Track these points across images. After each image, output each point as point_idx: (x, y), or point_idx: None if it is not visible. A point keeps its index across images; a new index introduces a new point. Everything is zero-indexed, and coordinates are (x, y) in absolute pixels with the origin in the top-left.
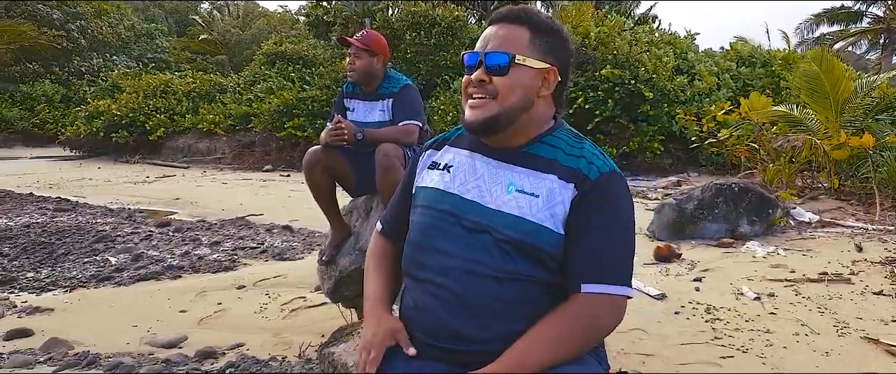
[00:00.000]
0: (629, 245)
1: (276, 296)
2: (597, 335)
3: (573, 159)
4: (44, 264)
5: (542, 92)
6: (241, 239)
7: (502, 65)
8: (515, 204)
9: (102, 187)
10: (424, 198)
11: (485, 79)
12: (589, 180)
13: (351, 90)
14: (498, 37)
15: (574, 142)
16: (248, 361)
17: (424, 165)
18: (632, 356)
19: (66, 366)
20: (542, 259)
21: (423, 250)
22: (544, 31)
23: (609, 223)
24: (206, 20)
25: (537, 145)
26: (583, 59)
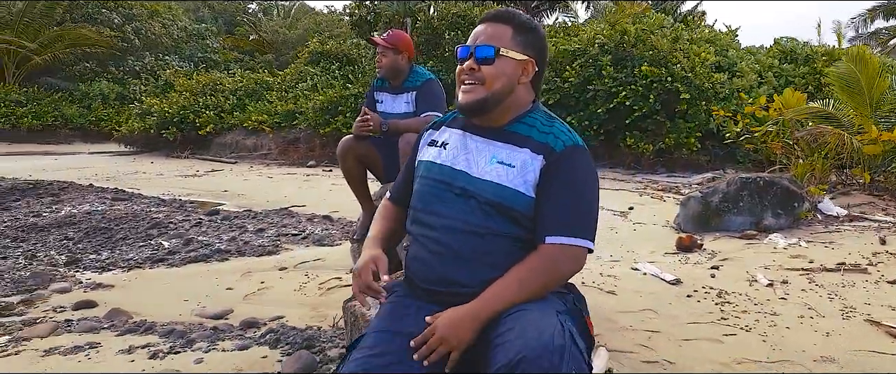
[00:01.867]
0: (588, 205)
1: (315, 276)
2: (557, 278)
3: (544, 136)
4: (104, 247)
5: (522, 79)
6: (283, 227)
7: (489, 56)
8: (496, 173)
9: (155, 179)
10: (423, 169)
11: (475, 68)
12: (555, 152)
13: (380, 84)
14: (486, 33)
15: (546, 121)
16: (286, 329)
17: (425, 143)
18: (638, 333)
19: (127, 331)
20: (516, 218)
21: (421, 213)
22: (524, 29)
23: (570, 186)
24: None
25: (516, 124)
26: (621, 56)
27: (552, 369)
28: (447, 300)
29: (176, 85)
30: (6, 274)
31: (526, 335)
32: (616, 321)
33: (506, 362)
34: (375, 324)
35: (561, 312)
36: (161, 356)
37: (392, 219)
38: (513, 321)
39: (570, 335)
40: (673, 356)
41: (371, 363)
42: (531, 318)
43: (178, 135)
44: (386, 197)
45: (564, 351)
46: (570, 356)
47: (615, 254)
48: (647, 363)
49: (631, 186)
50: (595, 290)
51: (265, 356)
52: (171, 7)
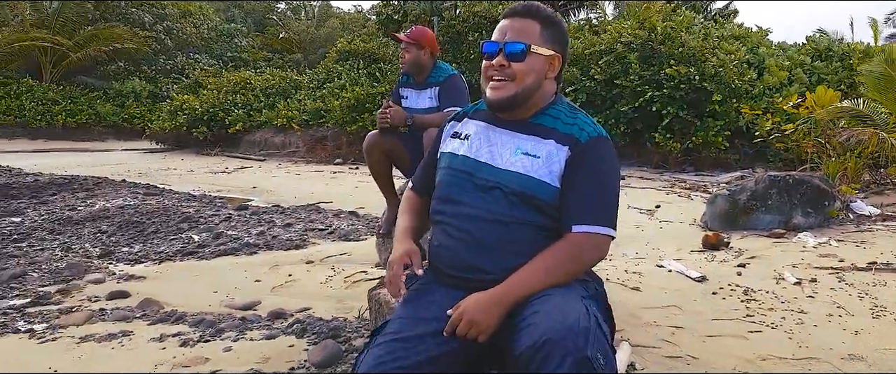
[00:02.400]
0: (611, 195)
1: (341, 270)
2: (582, 266)
3: (569, 127)
4: (136, 240)
5: (548, 74)
6: (310, 222)
7: (520, 52)
8: (521, 164)
9: (185, 176)
10: (446, 161)
11: (505, 64)
12: (580, 143)
13: (405, 80)
14: (514, 29)
15: (570, 113)
16: (313, 320)
17: (447, 135)
18: (662, 328)
19: (158, 321)
20: (541, 207)
21: (445, 202)
22: (551, 24)
23: (595, 176)
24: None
25: (541, 116)
26: (649, 54)
27: (577, 351)
28: (471, 287)
29: (206, 83)
30: (44, 265)
31: (551, 317)
32: (640, 317)
33: (531, 343)
34: (400, 311)
35: (585, 297)
36: (191, 344)
37: (417, 211)
38: (538, 305)
39: (594, 318)
40: (696, 352)
41: (395, 348)
42: (556, 302)
43: (208, 133)
44: (409, 187)
45: (589, 333)
46: (594, 338)
47: (640, 251)
48: (670, 358)
49: (658, 184)
50: (619, 286)
51: (292, 345)
52: (202, 7)
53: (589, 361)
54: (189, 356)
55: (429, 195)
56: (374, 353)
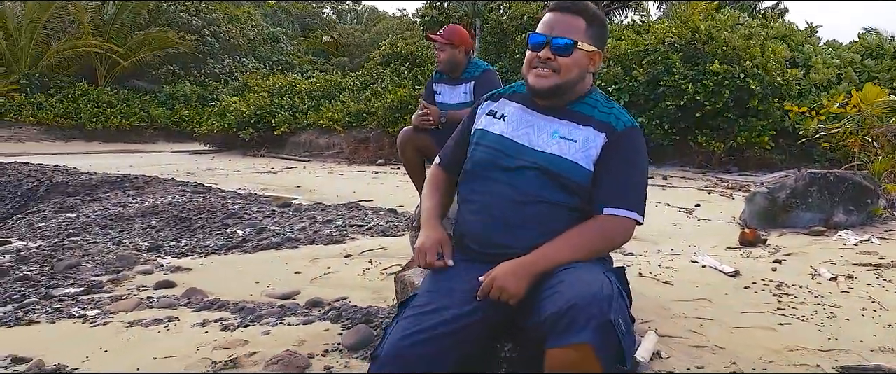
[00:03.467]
0: (642, 182)
1: (378, 263)
2: (609, 245)
3: (606, 115)
4: (183, 234)
5: (590, 68)
6: (350, 219)
7: (566, 47)
8: (557, 147)
9: (232, 175)
10: (480, 137)
11: (551, 57)
12: (617, 131)
13: (439, 77)
14: (561, 25)
15: (606, 103)
16: (348, 307)
17: (483, 112)
18: (691, 320)
19: (202, 308)
20: (571, 189)
21: (477, 179)
22: (596, 22)
23: (628, 164)
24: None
25: (578, 104)
26: (692, 54)
27: (601, 315)
28: (497, 261)
29: (253, 86)
30: (96, 257)
31: (576, 286)
32: (669, 309)
33: (556, 309)
34: (427, 284)
35: (606, 271)
36: (231, 328)
37: (442, 189)
38: (563, 276)
39: (617, 288)
40: (723, 343)
41: (421, 319)
42: (580, 273)
43: (255, 134)
44: (436, 162)
45: (612, 300)
46: (617, 306)
47: (676, 248)
48: (696, 347)
49: (700, 184)
50: (651, 280)
51: (327, 330)
52: (250, 11)
53: (612, 324)
54: (229, 339)
55: (455, 173)
56: (402, 325)
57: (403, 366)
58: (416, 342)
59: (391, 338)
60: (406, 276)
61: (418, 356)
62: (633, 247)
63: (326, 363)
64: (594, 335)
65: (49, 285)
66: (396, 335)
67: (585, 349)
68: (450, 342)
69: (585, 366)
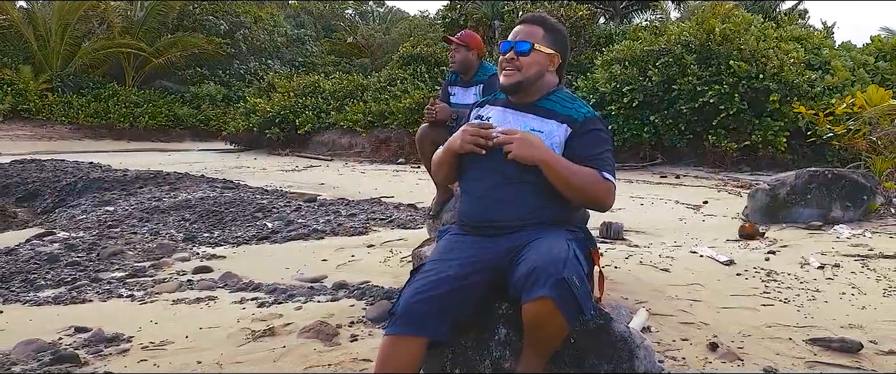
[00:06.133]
0: (610, 157)
1: (398, 252)
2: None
3: (566, 109)
4: (215, 226)
5: (549, 68)
6: (372, 213)
7: (525, 50)
8: None
9: (258, 173)
10: None
11: (514, 57)
12: (577, 122)
13: (454, 79)
14: (523, 32)
15: (568, 99)
16: (371, 288)
17: (473, 117)
18: (682, 301)
19: (238, 289)
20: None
21: (471, 169)
22: (553, 30)
23: (595, 143)
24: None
25: (544, 101)
26: (706, 55)
27: (556, 273)
28: (490, 233)
29: (277, 87)
30: (137, 245)
31: (539, 252)
32: (663, 292)
33: (524, 272)
34: (433, 255)
35: (570, 239)
36: (267, 305)
37: None
38: (532, 246)
39: (573, 252)
40: (709, 320)
41: (428, 281)
42: (544, 242)
43: (280, 134)
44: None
45: (567, 262)
46: (571, 265)
47: (679, 241)
48: (683, 323)
49: (711, 183)
50: (650, 267)
51: (352, 305)
52: (274, 14)
53: (565, 281)
54: (265, 313)
55: None
56: (412, 286)
57: (414, 319)
58: (423, 299)
59: (403, 297)
60: (421, 251)
61: (426, 311)
62: (638, 240)
63: (353, 332)
64: (552, 290)
65: (97, 270)
66: (407, 294)
67: (546, 302)
68: (452, 300)
69: (549, 316)
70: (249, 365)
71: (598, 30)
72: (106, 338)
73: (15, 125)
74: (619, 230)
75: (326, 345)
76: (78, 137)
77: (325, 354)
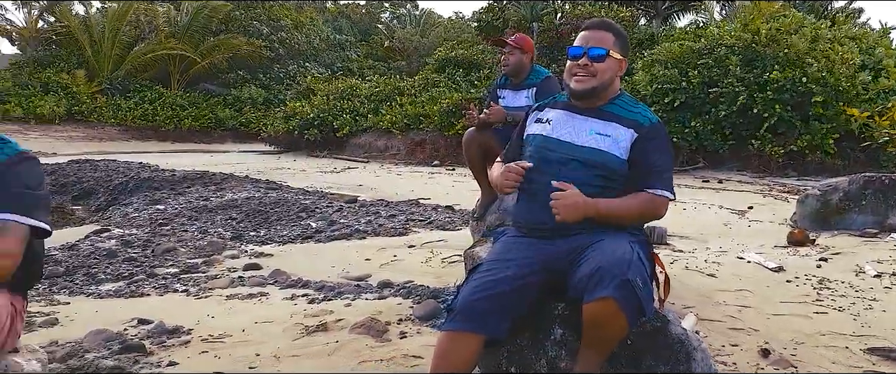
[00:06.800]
0: (669, 168)
1: (439, 253)
2: (648, 216)
3: (632, 114)
4: (262, 226)
5: (618, 73)
6: (411, 214)
7: (601, 55)
8: (594, 141)
9: (299, 174)
10: (532, 141)
11: (588, 63)
12: (643, 127)
13: (503, 82)
14: (595, 38)
15: (633, 103)
16: (416, 287)
17: (532, 120)
18: (730, 307)
19: (288, 286)
20: (609, 176)
21: (530, 172)
22: (620, 35)
23: (657, 153)
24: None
25: (609, 106)
26: (751, 57)
27: (620, 274)
28: (548, 235)
29: (316, 90)
30: (189, 243)
31: (603, 253)
32: (711, 297)
33: (588, 272)
34: (490, 255)
35: (632, 242)
36: (317, 301)
37: None
38: (595, 246)
39: (637, 254)
40: (759, 326)
41: (485, 281)
42: (608, 243)
43: (318, 136)
44: (498, 160)
45: (632, 263)
46: (635, 267)
47: (724, 246)
48: (732, 329)
49: (756, 188)
50: (697, 273)
51: (399, 304)
52: (314, 19)
53: (629, 282)
54: (316, 309)
55: None
56: (470, 284)
57: (473, 315)
58: (482, 297)
59: (462, 294)
60: (473, 251)
61: (485, 309)
62: (683, 244)
63: (401, 330)
64: (615, 290)
65: (152, 266)
66: (466, 292)
67: (610, 302)
68: (509, 299)
69: (611, 317)
70: (305, 359)
71: (639, 32)
72: (167, 330)
73: (69, 127)
74: (662, 235)
75: (377, 341)
76: (126, 138)
77: (377, 349)
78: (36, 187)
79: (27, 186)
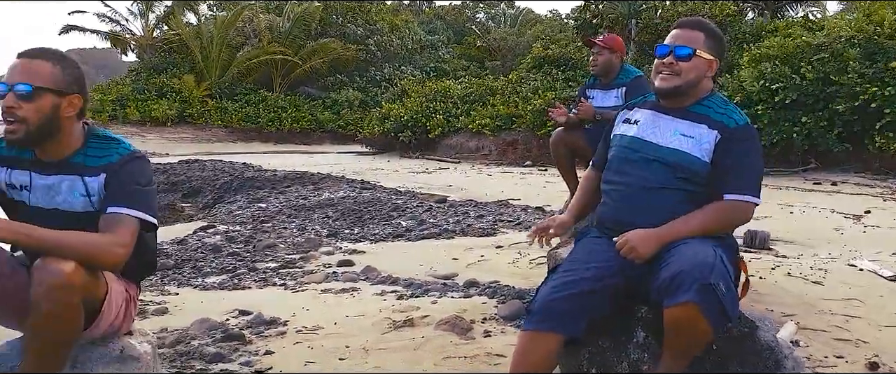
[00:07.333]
0: (758, 170)
1: (526, 254)
2: (728, 225)
3: (719, 115)
4: (356, 224)
5: (707, 74)
6: (500, 215)
7: (686, 55)
8: (678, 143)
9: (392, 175)
10: (617, 141)
11: (673, 62)
12: (729, 128)
13: (592, 82)
14: (683, 36)
15: (722, 104)
16: (501, 287)
17: (620, 121)
18: (837, 316)
19: (378, 282)
20: (689, 178)
21: (614, 173)
22: (712, 35)
23: (742, 156)
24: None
25: (697, 106)
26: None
27: (702, 278)
28: None
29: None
30: (288, 240)
31: (685, 257)
32: (814, 306)
33: (669, 275)
34: (570, 256)
35: (716, 245)
36: (405, 298)
37: (592, 189)
38: (677, 250)
39: (720, 258)
40: (869, 338)
41: (565, 282)
42: (691, 246)
43: (411, 138)
44: (590, 166)
45: (714, 268)
46: (718, 272)
47: (834, 252)
48: (837, 340)
49: (875, 191)
50: (800, 279)
51: (484, 303)
52: (408, 21)
53: (711, 287)
54: (404, 305)
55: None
56: (549, 285)
57: (552, 315)
58: (561, 297)
59: (540, 294)
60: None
61: (563, 309)
62: (787, 250)
63: (485, 328)
64: (697, 294)
65: (253, 260)
66: (545, 292)
67: (691, 307)
68: (588, 301)
69: (692, 321)
70: (392, 352)
71: (745, 26)
72: (265, 321)
73: (180, 129)
74: (764, 239)
75: (462, 338)
76: (231, 139)
77: (461, 346)
78: (145, 183)
79: (138, 183)
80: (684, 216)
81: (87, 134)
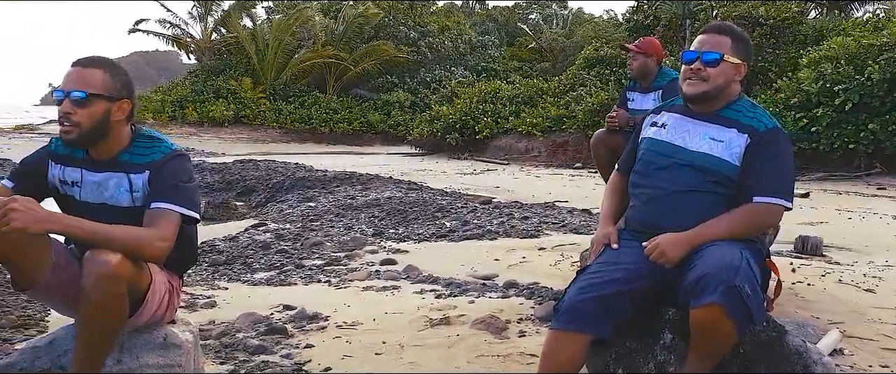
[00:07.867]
0: (788, 173)
1: (569, 256)
2: (757, 228)
3: (748, 119)
4: (401, 224)
5: (735, 78)
6: (545, 217)
7: (714, 60)
8: (708, 147)
9: (439, 176)
10: (646, 144)
11: (701, 68)
12: (758, 132)
13: (632, 85)
14: (710, 42)
15: (751, 108)
16: (540, 288)
17: (648, 124)
18: (886, 325)
19: (418, 281)
20: (719, 181)
21: (643, 176)
22: (739, 39)
23: (772, 159)
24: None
25: (726, 110)
26: None
27: (727, 281)
28: None
29: (460, 93)
30: (334, 238)
31: (712, 259)
32: (864, 314)
33: (694, 278)
34: (599, 257)
35: (743, 248)
36: (443, 297)
37: (619, 191)
38: (704, 252)
39: (746, 261)
40: None
41: (593, 282)
42: (718, 249)
43: (459, 139)
44: (616, 168)
45: (740, 270)
46: (743, 274)
47: (891, 260)
48: (885, 349)
49: None
50: (851, 287)
51: (521, 303)
52: (460, 22)
53: (736, 289)
54: (441, 304)
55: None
56: (577, 285)
57: (579, 316)
58: (587, 298)
59: (568, 295)
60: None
61: (590, 310)
62: (841, 256)
63: (520, 329)
64: (722, 296)
65: (300, 258)
66: (572, 293)
67: (715, 309)
68: (616, 301)
69: (717, 322)
70: (427, 349)
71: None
72: (308, 316)
73: (236, 129)
74: (817, 245)
75: (496, 337)
76: (286, 140)
77: (495, 345)
78: (187, 180)
79: (180, 179)
80: (713, 219)
81: (133, 134)
